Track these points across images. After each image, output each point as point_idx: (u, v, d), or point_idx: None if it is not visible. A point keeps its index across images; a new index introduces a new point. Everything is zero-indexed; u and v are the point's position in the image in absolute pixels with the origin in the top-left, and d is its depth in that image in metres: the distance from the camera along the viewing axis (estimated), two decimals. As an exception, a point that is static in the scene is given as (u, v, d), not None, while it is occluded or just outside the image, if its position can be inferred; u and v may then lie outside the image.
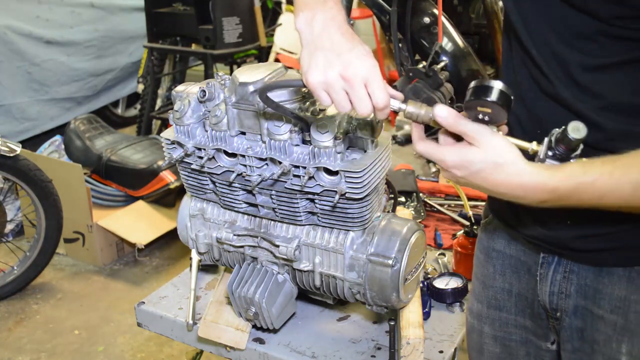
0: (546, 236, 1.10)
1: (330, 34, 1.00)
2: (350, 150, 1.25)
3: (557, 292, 1.12)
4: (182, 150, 1.35)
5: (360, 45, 0.99)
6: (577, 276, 1.09)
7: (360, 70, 0.96)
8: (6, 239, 3.45)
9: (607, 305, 1.06)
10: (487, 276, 1.24)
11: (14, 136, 4.27)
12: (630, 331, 1.04)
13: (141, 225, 3.44)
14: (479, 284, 1.27)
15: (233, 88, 1.28)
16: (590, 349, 1.09)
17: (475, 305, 1.29)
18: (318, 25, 1.01)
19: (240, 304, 1.38)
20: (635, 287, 1.03)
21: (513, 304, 1.21)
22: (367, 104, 0.98)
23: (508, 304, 1.22)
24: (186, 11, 4.32)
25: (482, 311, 1.26)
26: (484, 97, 0.92)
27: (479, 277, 1.28)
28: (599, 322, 1.07)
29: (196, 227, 1.47)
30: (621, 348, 1.05)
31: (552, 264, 1.12)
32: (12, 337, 2.96)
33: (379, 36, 4.93)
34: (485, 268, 1.24)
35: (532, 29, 1.02)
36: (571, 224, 1.05)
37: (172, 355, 2.79)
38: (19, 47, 4.42)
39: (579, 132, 0.89)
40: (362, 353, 1.38)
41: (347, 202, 1.24)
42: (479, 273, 1.28)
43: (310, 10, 1.02)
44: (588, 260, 1.07)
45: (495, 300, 1.23)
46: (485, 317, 1.25)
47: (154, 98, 4.60)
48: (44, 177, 3.09)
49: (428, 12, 1.98)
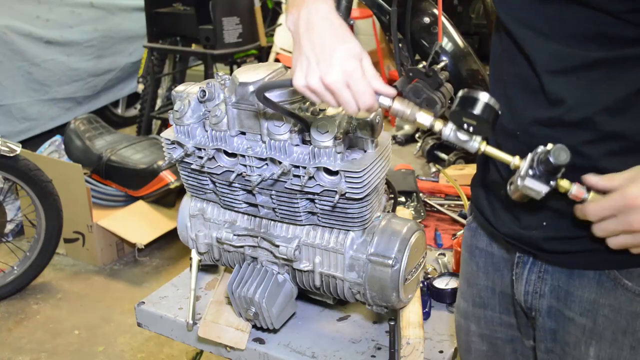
0: (521, 236, 1.08)
1: (312, 36, 1.00)
2: (350, 150, 1.25)
3: (531, 291, 1.11)
4: (182, 150, 1.35)
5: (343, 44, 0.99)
6: (550, 277, 1.08)
7: (339, 76, 0.98)
8: (6, 239, 3.45)
9: (577, 308, 1.05)
10: (471, 274, 1.23)
11: (14, 136, 4.27)
12: (598, 334, 1.03)
13: (141, 225, 3.44)
14: (464, 282, 1.26)
15: (233, 88, 1.28)
16: (561, 350, 1.09)
17: (461, 303, 1.28)
18: (302, 26, 1.01)
19: (240, 304, 1.38)
20: (604, 290, 1.02)
21: (497, 302, 1.20)
22: (352, 105, 1.00)
23: (492, 301, 1.21)
24: (186, 11, 4.32)
25: (468, 309, 1.25)
26: (469, 109, 0.92)
27: (464, 275, 1.27)
28: (569, 325, 1.06)
29: (196, 227, 1.47)
30: (589, 351, 1.04)
31: (527, 263, 1.11)
32: (12, 337, 2.96)
33: (379, 36, 4.93)
34: (470, 266, 1.23)
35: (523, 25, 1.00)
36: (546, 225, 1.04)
37: (172, 355, 2.79)
38: (19, 47, 4.42)
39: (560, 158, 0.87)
40: (362, 353, 1.38)
41: (347, 202, 1.24)
42: (464, 271, 1.27)
43: (297, 9, 1.02)
44: (560, 262, 1.06)
45: (479, 298, 1.22)
46: (471, 315, 1.24)
47: (154, 98, 4.60)
48: (44, 177, 3.09)
49: (428, 12, 1.98)
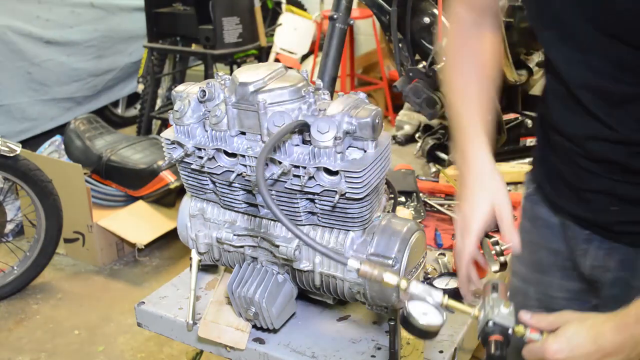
0: (589, 217, 1.16)
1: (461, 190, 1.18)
2: (350, 150, 1.25)
3: (598, 266, 1.18)
4: (182, 150, 1.35)
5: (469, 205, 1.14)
6: (617, 252, 1.15)
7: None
8: (6, 239, 3.45)
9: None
10: (532, 242, 1.29)
11: (14, 136, 4.27)
12: None
13: (141, 225, 3.44)
14: (525, 249, 1.27)
15: (233, 88, 1.28)
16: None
17: (520, 269, 1.36)
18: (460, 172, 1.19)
19: (240, 304, 1.38)
20: None
21: (558, 269, 1.27)
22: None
23: (553, 268, 1.28)
24: (186, 11, 4.32)
25: (528, 275, 1.32)
26: (405, 327, 1.01)
27: (525, 242, 1.27)
28: (635, 292, 1.08)
29: (196, 227, 1.47)
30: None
31: (594, 241, 1.17)
32: (12, 337, 2.96)
33: (379, 36, 4.93)
34: (532, 235, 1.29)
35: (574, 67, 1.07)
36: (618, 209, 1.11)
37: (172, 355, 2.79)
38: (19, 47, 4.42)
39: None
40: (362, 353, 1.38)
41: (347, 202, 1.24)
42: (525, 239, 1.27)
43: (460, 151, 1.20)
44: (629, 241, 1.13)
45: (540, 265, 1.29)
46: (530, 280, 1.31)
47: (154, 98, 4.60)
48: (44, 177, 3.09)
49: (428, 12, 1.98)
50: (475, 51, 1.27)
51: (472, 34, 1.28)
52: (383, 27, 2.12)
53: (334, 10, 1.88)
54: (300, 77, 1.30)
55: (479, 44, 1.28)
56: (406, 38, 2.00)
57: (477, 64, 1.26)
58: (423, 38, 1.99)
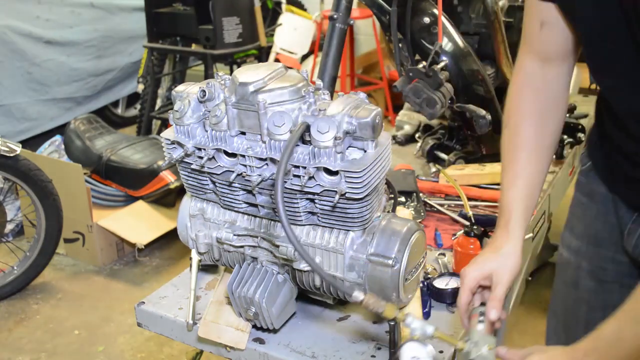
0: (637, 202, 1.23)
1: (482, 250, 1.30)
2: (350, 150, 1.25)
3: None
4: (182, 150, 1.35)
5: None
6: None
7: None
8: (6, 239, 3.45)
9: None
10: (588, 216, 1.34)
11: (14, 136, 4.28)
12: None
13: (141, 225, 3.45)
14: (580, 223, 1.38)
15: (233, 88, 1.28)
16: None
17: (573, 242, 1.42)
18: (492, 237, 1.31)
19: (240, 304, 1.38)
20: None
21: (613, 242, 1.32)
22: None
23: (607, 242, 1.33)
24: (186, 11, 4.32)
25: (581, 248, 1.37)
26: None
27: (579, 216, 1.39)
28: None
29: (196, 227, 1.47)
30: None
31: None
32: (12, 337, 2.96)
33: (379, 36, 4.93)
34: (589, 209, 1.34)
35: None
36: None
37: (172, 355, 2.79)
38: (19, 47, 4.42)
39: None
40: (362, 353, 1.38)
41: (347, 202, 1.24)
42: (579, 213, 1.40)
43: (497, 222, 1.30)
44: None
45: (595, 238, 1.35)
46: (583, 253, 1.36)
47: (154, 98, 4.60)
48: (44, 177, 3.09)
49: (428, 12, 1.98)
50: (536, 113, 1.28)
51: (536, 90, 1.29)
52: (383, 27, 2.11)
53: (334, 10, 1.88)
54: (300, 77, 1.30)
55: (540, 104, 1.29)
56: (406, 38, 2.00)
57: (536, 131, 1.28)
58: (423, 38, 1.99)
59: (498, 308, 1.18)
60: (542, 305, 2.94)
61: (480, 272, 1.22)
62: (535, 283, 3.04)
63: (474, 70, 2.00)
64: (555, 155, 2.29)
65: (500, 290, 1.19)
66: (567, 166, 2.38)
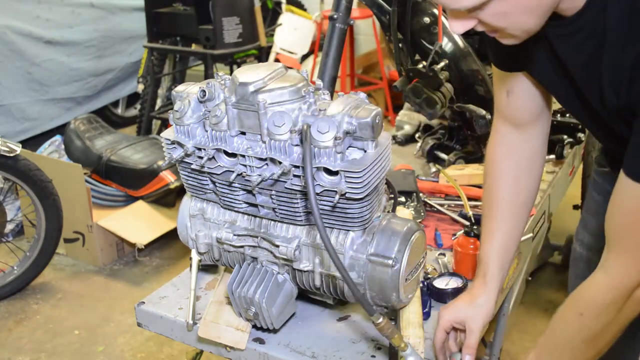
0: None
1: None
2: (350, 150, 1.25)
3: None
4: (182, 150, 1.35)
5: None
6: None
7: None
8: (6, 239, 3.45)
9: None
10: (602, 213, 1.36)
11: (14, 136, 4.27)
12: None
13: (141, 225, 3.44)
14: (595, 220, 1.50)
15: (233, 88, 1.28)
16: None
17: (587, 237, 1.56)
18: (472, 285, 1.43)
19: (240, 304, 1.38)
20: None
21: None
22: None
23: None
24: (186, 11, 4.32)
25: (595, 243, 1.47)
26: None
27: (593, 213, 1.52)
28: None
29: (196, 227, 1.47)
30: None
31: None
32: (12, 337, 2.96)
33: (379, 36, 4.93)
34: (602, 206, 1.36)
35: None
36: None
37: (172, 355, 2.79)
38: (19, 47, 4.42)
39: None
40: (362, 353, 1.38)
41: (347, 202, 1.24)
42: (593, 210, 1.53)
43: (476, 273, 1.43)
44: None
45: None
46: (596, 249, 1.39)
47: (154, 98, 4.60)
48: (44, 177, 3.09)
49: (428, 12, 1.98)
50: (510, 173, 1.39)
51: (509, 151, 1.39)
52: (383, 27, 2.12)
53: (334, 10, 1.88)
54: (300, 77, 1.30)
55: (515, 163, 1.38)
56: (406, 38, 2.00)
57: (510, 191, 1.38)
58: (423, 38, 1.99)
59: (472, 355, 1.31)
60: (542, 305, 2.94)
61: (454, 317, 1.34)
62: (535, 283, 3.04)
63: (474, 70, 2.00)
64: (555, 156, 2.29)
65: (474, 339, 1.31)
66: (567, 166, 2.38)
